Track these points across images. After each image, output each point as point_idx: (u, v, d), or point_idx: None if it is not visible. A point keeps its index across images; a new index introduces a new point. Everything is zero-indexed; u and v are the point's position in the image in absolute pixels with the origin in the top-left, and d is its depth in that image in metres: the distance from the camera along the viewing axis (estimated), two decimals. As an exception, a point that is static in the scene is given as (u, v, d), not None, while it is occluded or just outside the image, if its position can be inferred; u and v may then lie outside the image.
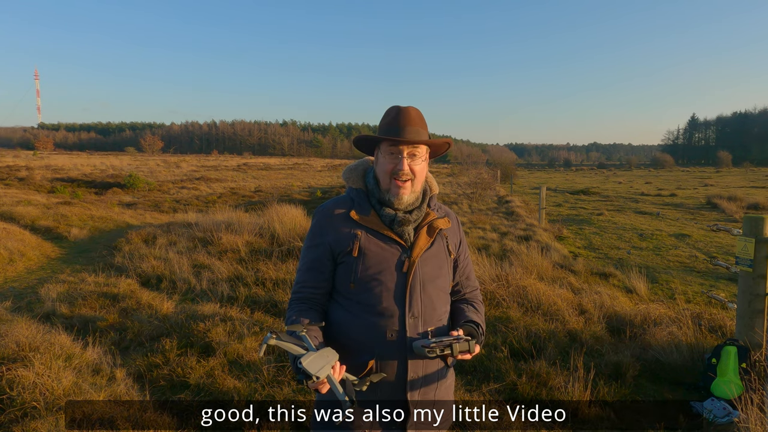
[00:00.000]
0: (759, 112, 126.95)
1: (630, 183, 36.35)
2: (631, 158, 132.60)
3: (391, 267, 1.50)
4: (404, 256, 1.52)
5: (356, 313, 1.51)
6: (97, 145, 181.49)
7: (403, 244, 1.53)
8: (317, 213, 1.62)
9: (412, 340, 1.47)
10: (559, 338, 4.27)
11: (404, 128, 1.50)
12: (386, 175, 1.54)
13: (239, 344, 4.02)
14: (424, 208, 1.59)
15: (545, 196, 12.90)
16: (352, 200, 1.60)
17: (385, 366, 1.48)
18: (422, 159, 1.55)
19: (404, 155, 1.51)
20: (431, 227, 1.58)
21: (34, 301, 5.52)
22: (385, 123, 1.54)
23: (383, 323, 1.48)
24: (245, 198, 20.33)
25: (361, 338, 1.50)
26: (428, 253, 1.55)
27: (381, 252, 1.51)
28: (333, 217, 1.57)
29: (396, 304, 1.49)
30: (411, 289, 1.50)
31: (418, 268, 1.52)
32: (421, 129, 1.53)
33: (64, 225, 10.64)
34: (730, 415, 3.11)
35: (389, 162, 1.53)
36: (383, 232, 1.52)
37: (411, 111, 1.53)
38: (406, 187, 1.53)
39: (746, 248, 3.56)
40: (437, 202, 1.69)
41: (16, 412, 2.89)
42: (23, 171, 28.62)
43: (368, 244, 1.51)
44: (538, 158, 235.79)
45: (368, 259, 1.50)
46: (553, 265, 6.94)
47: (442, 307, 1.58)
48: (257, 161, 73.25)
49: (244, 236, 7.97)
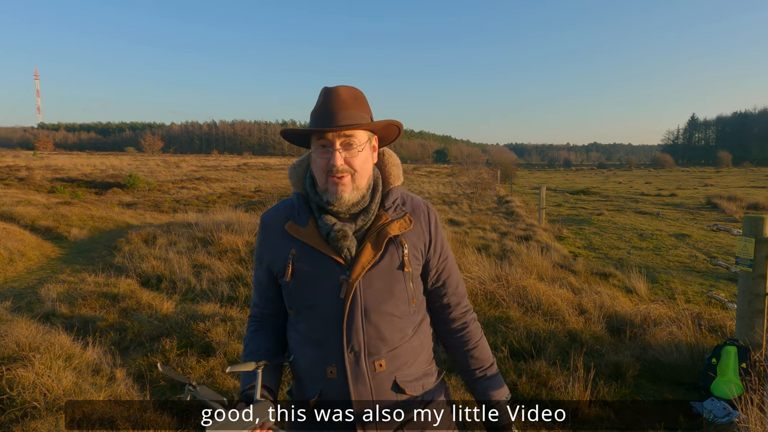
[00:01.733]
0: (759, 112, 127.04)
1: (630, 183, 36.34)
2: (631, 158, 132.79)
3: (326, 292, 1.25)
4: (342, 277, 1.25)
5: (298, 343, 1.32)
6: (97, 145, 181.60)
7: (341, 262, 1.26)
8: (260, 222, 1.40)
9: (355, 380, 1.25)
10: (559, 338, 4.27)
11: (333, 114, 1.22)
12: (321, 172, 1.26)
13: (239, 344, 4.02)
14: (372, 210, 1.30)
15: (545, 196, 12.90)
16: (293, 207, 1.35)
17: (332, 406, 1.27)
18: (360, 148, 1.26)
19: (336, 147, 1.23)
20: (380, 235, 1.28)
21: (34, 301, 5.52)
22: (313, 111, 1.26)
23: (321, 357, 1.26)
24: (245, 198, 20.32)
25: (305, 371, 1.31)
26: (374, 270, 1.26)
27: (315, 274, 1.27)
28: (270, 231, 1.35)
29: (331, 337, 1.25)
30: (349, 317, 1.24)
31: (358, 291, 1.25)
32: (356, 112, 1.25)
33: (64, 225, 10.64)
34: (730, 415, 3.11)
35: (321, 157, 1.25)
36: (318, 248, 1.26)
37: (341, 91, 1.25)
38: (345, 184, 1.25)
39: (746, 248, 3.56)
40: (402, 194, 1.38)
41: (16, 412, 2.89)
42: (23, 171, 28.61)
43: (301, 265, 1.27)
44: (538, 158, 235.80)
45: (301, 284, 1.28)
46: (553, 265, 6.94)
47: (396, 336, 1.28)
48: (257, 161, 73.24)
49: (244, 236, 7.98)
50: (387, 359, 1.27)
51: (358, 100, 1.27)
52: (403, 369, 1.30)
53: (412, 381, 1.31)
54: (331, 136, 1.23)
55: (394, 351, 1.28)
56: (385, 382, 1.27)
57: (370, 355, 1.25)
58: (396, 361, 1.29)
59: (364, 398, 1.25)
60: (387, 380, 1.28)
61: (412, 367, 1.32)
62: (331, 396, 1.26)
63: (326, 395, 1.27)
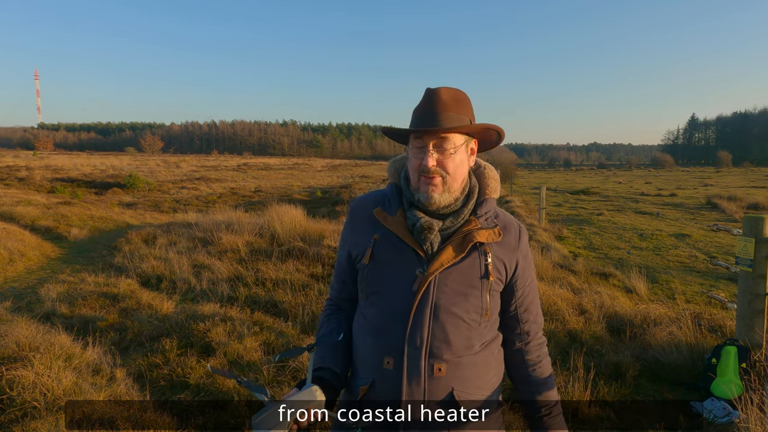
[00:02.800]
0: (759, 112, 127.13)
1: (630, 183, 36.35)
2: (631, 158, 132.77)
3: (400, 281, 1.24)
4: (419, 270, 1.23)
5: (362, 329, 1.31)
6: (97, 145, 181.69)
7: (421, 254, 1.24)
8: (349, 206, 1.42)
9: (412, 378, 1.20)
10: (559, 338, 4.27)
11: (433, 115, 1.22)
12: (414, 172, 1.27)
13: (239, 344, 4.02)
14: (464, 214, 1.28)
15: (545, 196, 12.90)
16: (384, 196, 1.36)
17: (380, 398, 1.24)
18: (455, 151, 1.25)
19: (429, 148, 1.23)
20: (466, 238, 1.25)
21: (34, 301, 5.52)
22: (414, 110, 1.28)
23: (381, 346, 1.25)
24: (245, 198, 20.32)
25: (363, 359, 1.30)
26: (453, 269, 1.24)
27: (394, 262, 1.26)
28: (358, 215, 1.37)
29: (395, 328, 1.23)
30: (417, 311, 1.21)
31: (432, 287, 1.22)
32: (455, 114, 1.23)
33: (64, 225, 10.64)
34: (730, 415, 3.11)
35: (415, 157, 1.26)
36: (402, 237, 1.26)
37: (442, 93, 1.24)
38: (436, 185, 1.24)
39: (746, 248, 3.56)
40: (497, 208, 1.36)
41: (16, 412, 2.89)
42: (23, 171, 28.63)
43: (382, 252, 1.27)
44: (538, 158, 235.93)
45: (377, 269, 1.27)
46: (553, 265, 6.94)
47: (462, 344, 1.24)
48: (257, 161, 73.25)
49: (244, 236, 7.97)
50: (448, 366, 1.22)
51: (460, 102, 1.26)
52: (463, 382, 1.23)
53: (469, 400, 1.24)
54: (426, 137, 1.24)
55: (457, 360, 1.23)
56: (440, 389, 1.22)
57: (431, 356, 1.21)
58: (457, 371, 1.23)
59: (416, 399, 1.21)
60: (443, 389, 1.22)
61: (474, 386, 1.25)
62: (382, 388, 1.23)
63: (378, 386, 1.24)
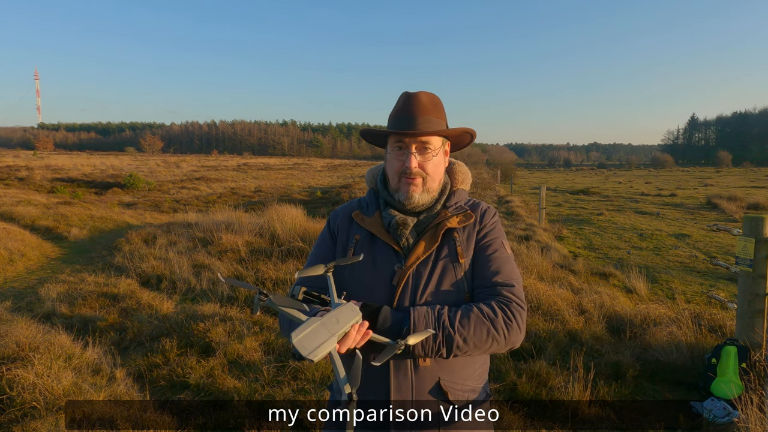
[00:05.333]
0: (759, 112, 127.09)
1: (630, 183, 36.35)
2: (631, 158, 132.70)
3: (380, 277, 1.29)
4: (397, 265, 1.29)
5: None
6: (97, 145, 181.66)
7: (398, 250, 1.31)
8: (328, 217, 1.48)
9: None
10: (559, 338, 4.27)
11: (413, 118, 1.28)
12: (395, 173, 1.34)
13: (239, 344, 4.02)
14: (435, 210, 1.37)
15: (545, 196, 12.90)
16: (362, 201, 1.45)
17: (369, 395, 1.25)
18: (435, 153, 1.32)
19: (412, 150, 1.29)
20: (438, 227, 1.33)
21: (34, 301, 5.51)
22: (393, 113, 1.33)
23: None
24: (245, 198, 20.32)
25: None
26: (428, 261, 1.30)
27: (373, 260, 1.32)
28: (339, 219, 1.43)
29: None
30: (398, 305, 1.26)
31: (410, 280, 1.28)
32: (435, 117, 1.31)
33: (64, 225, 10.64)
34: (730, 415, 3.11)
35: (396, 159, 1.32)
36: (379, 235, 1.33)
37: (421, 96, 1.31)
38: (417, 185, 1.32)
39: (746, 248, 3.56)
40: (467, 197, 1.45)
41: (16, 412, 2.89)
42: (23, 171, 28.61)
43: (362, 251, 1.33)
44: (538, 158, 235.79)
45: (360, 268, 1.31)
46: (553, 265, 6.94)
47: None
48: (257, 161, 73.27)
49: (244, 236, 7.98)
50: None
51: (437, 106, 1.33)
52: (448, 373, 1.26)
53: (456, 389, 1.27)
54: (408, 139, 1.30)
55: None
56: (427, 380, 1.24)
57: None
58: (442, 362, 1.25)
59: (404, 392, 1.23)
60: (430, 379, 1.24)
61: (460, 376, 1.28)
62: (370, 381, 1.22)
63: (366, 382, 1.22)
